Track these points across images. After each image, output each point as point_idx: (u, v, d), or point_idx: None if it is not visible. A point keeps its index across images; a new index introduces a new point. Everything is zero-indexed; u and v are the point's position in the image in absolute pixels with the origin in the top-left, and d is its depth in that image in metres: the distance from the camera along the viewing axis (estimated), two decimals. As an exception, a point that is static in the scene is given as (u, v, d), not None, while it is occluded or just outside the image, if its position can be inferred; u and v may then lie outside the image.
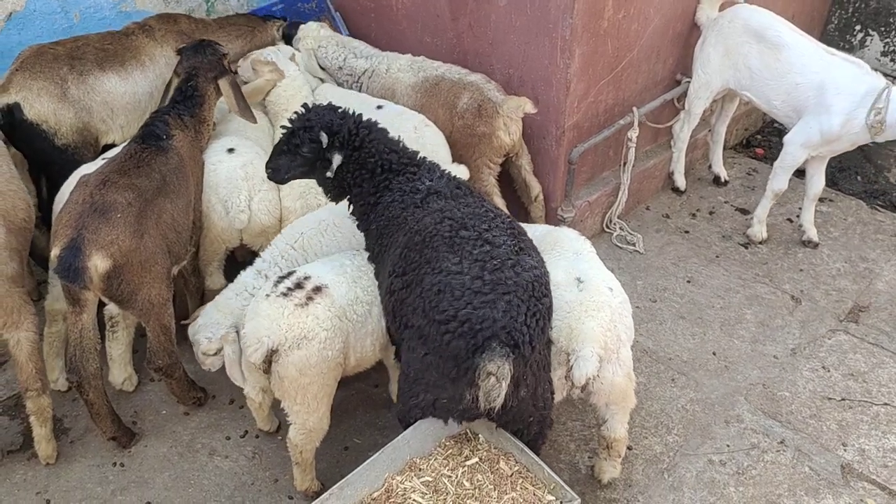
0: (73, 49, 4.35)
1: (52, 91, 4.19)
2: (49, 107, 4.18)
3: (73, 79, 4.28)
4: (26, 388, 3.56)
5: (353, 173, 3.51)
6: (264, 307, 3.25)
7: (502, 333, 2.84)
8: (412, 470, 3.06)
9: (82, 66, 4.32)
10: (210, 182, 4.08)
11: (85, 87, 4.32)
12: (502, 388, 2.86)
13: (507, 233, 3.18)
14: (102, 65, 4.40)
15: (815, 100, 4.76)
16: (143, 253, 3.45)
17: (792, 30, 4.94)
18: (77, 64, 4.31)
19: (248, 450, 3.93)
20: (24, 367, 3.52)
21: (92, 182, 3.49)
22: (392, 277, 3.24)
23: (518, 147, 4.61)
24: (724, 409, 4.15)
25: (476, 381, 2.88)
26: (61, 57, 4.28)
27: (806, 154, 4.93)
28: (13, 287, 3.44)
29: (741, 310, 4.78)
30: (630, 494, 3.73)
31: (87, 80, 4.33)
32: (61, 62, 4.26)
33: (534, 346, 2.96)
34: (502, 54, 4.78)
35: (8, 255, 3.43)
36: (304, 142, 3.48)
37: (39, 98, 4.16)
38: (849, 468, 3.85)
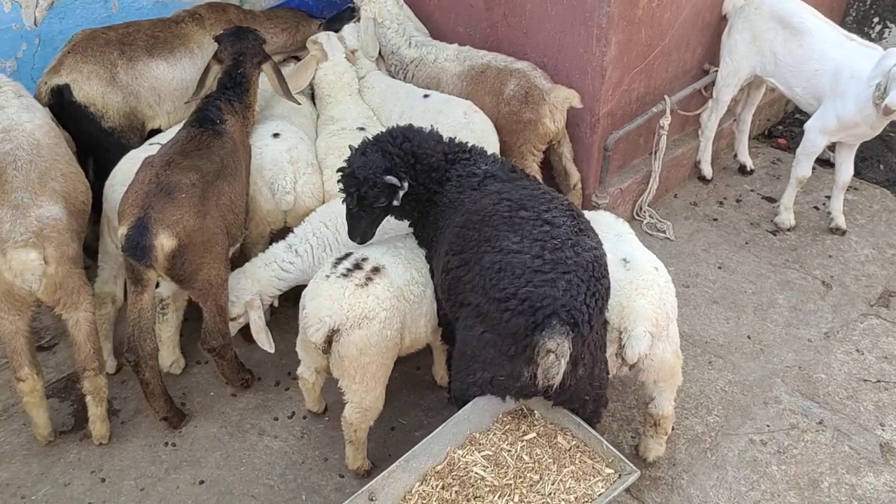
0: (124, 35, 4.43)
1: (101, 74, 4.26)
2: (98, 90, 4.26)
3: (122, 64, 4.36)
4: (84, 367, 3.61)
5: (424, 184, 3.52)
6: (325, 287, 3.31)
7: (562, 312, 2.90)
8: (472, 444, 3.11)
9: (132, 52, 4.39)
10: (256, 165, 4.15)
11: (134, 73, 4.40)
12: (561, 366, 2.92)
13: (566, 214, 3.23)
14: (151, 51, 4.48)
15: (831, 86, 4.83)
16: (205, 233, 3.51)
17: (816, 16, 5.01)
18: (127, 49, 4.38)
19: (296, 430, 3.99)
20: (82, 347, 3.57)
21: (157, 163, 3.56)
22: (449, 255, 3.29)
23: (561, 135, 4.68)
24: (762, 390, 4.22)
25: (535, 358, 2.94)
26: (112, 42, 4.35)
27: (825, 140, 5.00)
28: (74, 268, 3.49)
29: (773, 295, 4.85)
30: (675, 473, 3.79)
31: (136, 66, 4.41)
32: (112, 47, 4.34)
33: (592, 326, 3.02)
34: (537, 43, 4.84)
35: (70, 236, 3.48)
36: (378, 197, 3.47)
37: (89, 81, 4.24)
38: (888, 447, 3.91)
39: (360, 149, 3.54)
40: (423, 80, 4.99)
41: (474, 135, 4.32)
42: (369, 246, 3.64)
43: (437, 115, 4.44)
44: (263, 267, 3.95)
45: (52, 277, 3.40)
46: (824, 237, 5.30)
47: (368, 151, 3.50)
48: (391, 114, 4.70)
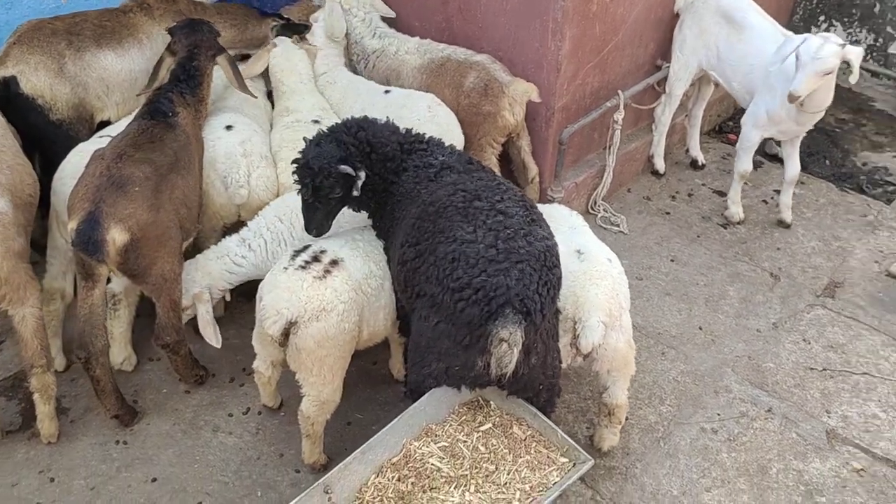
0: (71, 25, 4.33)
1: (49, 66, 4.16)
2: (45, 81, 4.16)
3: (70, 54, 4.26)
4: (31, 364, 3.53)
5: (380, 174, 3.52)
6: (283, 279, 3.29)
7: (515, 301, 2.92)
8: (428, 436, 3.12)
9: (80, 42, 4.30)
10: (209, 158, 4.10)
11: (82, 63, 4.30)
12: (514, 355, 2.94)
13: (519, 204, 3.26)
14: (100, 41, 4.39)
15: (762, 81, 4.93)
16: (158, 227, 3.46)
17: (759, 13, 5.09)
18: (75, 40, 4.28)
19: (251, 426, 3.95)
20: (29, 344, 3.49)
21: (108, 155, 3.49)
22: (405, 247, 3.29)
23: (520, 128, 4.72)
24: (713, 380, 4.30)
25: (488, 347, 2.96)
26: (59, 32, 4.25)
27: (758, 135, 5.11)
28: (20, 263, 3.42)
29: (724, 287, 4.95)
30: (629, 462, 3.85)
31: (84, 57, 4.31)
32: (59, 37, 4.24)
33: (545, 315, 3.05)
34: (492, 37, 4.86)
35: (16, 230, 3.41)
36: (333, 187, 3.44)
37: (36, 72, 4.14)
38: (833, 433, 4.02)
39: (315, 140, 3.52)
40: (384, 71, 4.99)
41: (439, 128, 4.32)
42: (327, 238, 3.63)
43: (399, 109, 4.43)
44: (215, 260, 3.91)
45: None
46: (773, 230, 5.42)
47: (323, 142, 3.48)
48: (352, 110, 4.64)
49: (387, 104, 4.52)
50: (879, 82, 7.14)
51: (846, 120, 6.68)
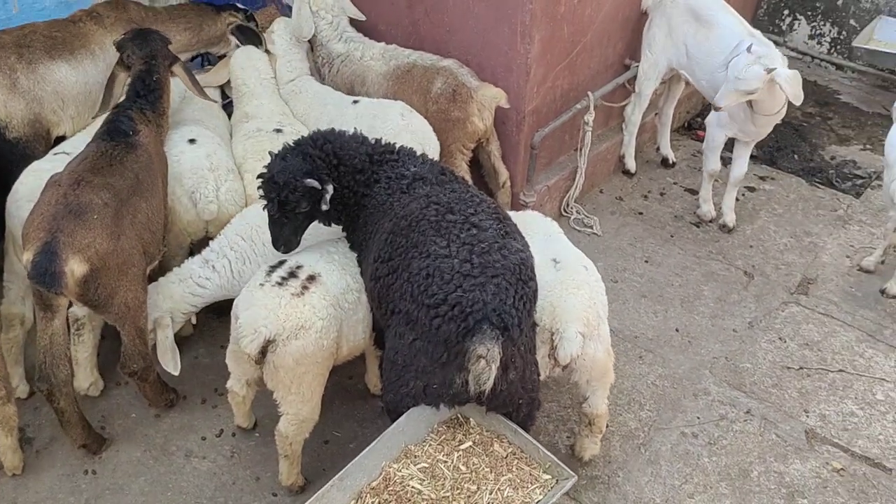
0: (19, 37, 4.16)
1: (1, 82, 3.98)
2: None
3: (22, 68, 4.09)
4: None
5: (350, 187, 3.44)
6: (260, 296, 3.20)
7: (493, 316, 2.86)
8: (408, 457, 3.05)
9: (31, 55, 4.13)
10: (174, 173, 3.97)
11: (35, 77, 4.13)
12: (492, 371, 2.89)
13: (492, 217, 3.20)
14: (51, 53, 4.21)
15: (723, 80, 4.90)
16: (119, 255, 3.32)
17: (727, 10, 5.06)
18: (25, 52, 4.11)
19: (225, 449, 3.84)
20: None
21: (65, 182, 3.33)
22: (377, 263, 3.22)
23: (489, 133, 4.65)
24: (692, 382, 4.28)
25: (466, 364, 2.90)
26: (8, 45, 4.08)
27: (723, 133, 5.12)
28: None
29: (699, 287, 4.93)
30: (610, 470, 3.81)
31: (36, 70, 4.14)
32: (9, 51, 4.07)
33: (522, 329, 3.00)
34: (460, 41, 4.78)
35: None
36: (300, 202, 3.35)
37: None
38: (812, 433, 4.02)
39: (281, 153, 3.43)
40: (348, 76, 4.89)
41: (415, 136, 4.24)
42: (302, 253, 3.53)
43: (371, 120, 4.33)
44: (178, 283, 3.77)
45: None
46: (745, 227, 5.42)
47: (289, 156, 3.39)
48: (319, 122, 4.54)
49: (356, 115, 4.42)
50: (844, 75, 7.19)
51: (812, 114, 6.71)
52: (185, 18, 4.89)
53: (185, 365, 4.20)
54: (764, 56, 4.40)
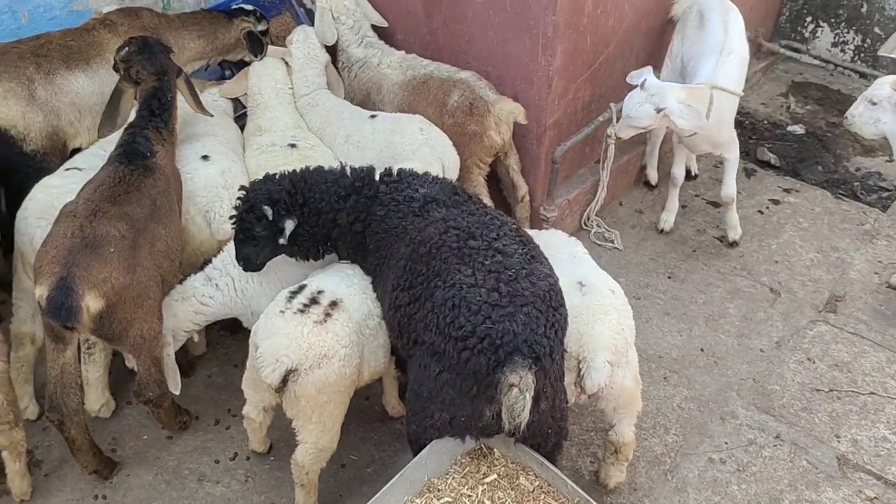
0: (36, 47, 4.06)
1: (19, 93, 3.89)
2: (17, 110, 3.89)
3: (39, 79, 3.99)
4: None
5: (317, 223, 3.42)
6: (281, 325, 3.08)
7: (524, 347, 2.76)
8: (431, 491, 2.93)
9: (49, 65, 4.03)
10: (187, 191, 3.85)
11: (53, 88, 4.04)
12: (527, 401, 2.77)
13: (516, 241, 3.09)
14: (68, 63, 4.12)
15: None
16: (136, 288, 3.21)
17: (721, 17, 4.81)
18: (43, 63, 4.01)
19: (239, 473, 3.74)
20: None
21: (81, 213, 3.20)
22: (397, 291, 3.10)
23: (507, 147, 4.52)
24: (719, 405, 4.15)
25: (498, 396, 2.79)
26: (26, 56, 3.98)
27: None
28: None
29: (723, 304, 4.80)
30: (636, 498, 3.70)
31: (54, 80, 4.05)
32: (27, 61, 3.97)
33: (554, 359, 2.88)
34: (479, 52, 4.67)
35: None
36: (254, 224, 3.36)
37: (6, 101, 3.86)
38: (844, 460, 3.89)
39: (266, 176, 3.48)
40: (365, 83, 4.81)
41: (434, 151, 4.14)
42: (320, 276, 3.42)
43: (389, 135, 4.23)
44: (180, 301, 3.66)
45: None
46: (770, 242, 5.29)
47: (267, 181, 3.45)
48: (335, 137, 4.44)
49: (374, 129, 4.31)
50: (868, 83, 7.00)
51: (836, 123, 6.55)
52: (198, 26, 4.78)
53: (198, 384, 4.15)
54: (656, 94, 4.23)
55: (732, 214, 5.15)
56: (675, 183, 5.18)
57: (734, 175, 5.00)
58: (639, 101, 4.27)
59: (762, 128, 6.44)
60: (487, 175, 4.61)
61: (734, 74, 4.65)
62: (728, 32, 4.70)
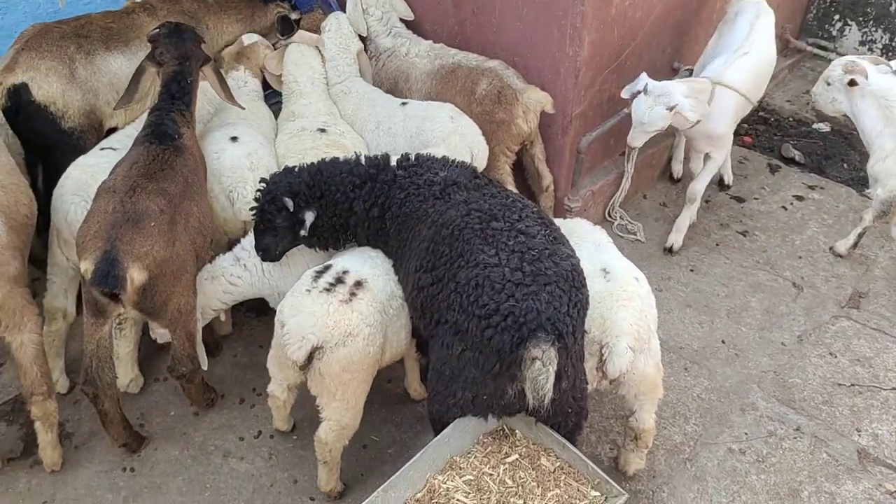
0: (78, 27, 4.17)
1: (60, 71, 3.99)
2: (58, 88, 3.98)
3: (80, 58, 4.09)
4: (31, 392, 3.37)
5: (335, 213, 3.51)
6: (308, 303, 3.14)
7: (547, 325, 2.79)
8: (453, 469, 2.98)
9: (89, 46, 4.14)
10: (213, 170, 3.92)
11: (92, 68, 4.14)
12: (550, 374, 2.80)
13: (538, 223, 3.13)
14: (108, 44, 4.23)
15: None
16: (175, 262, 3.30)
17: (750, 20, 4.82)
18: (84, 43, 4.12)
19: (263, 451, 3.81)
20: (28, 371, 3.33)
21: (120, 188, 3.28)
22: (420, 273, 3.15)
23: (534, 136, 4.56)
24: (739, 397, 4.16)
25: (521, 371, 2.82)
26: (68, 35, 4.09)
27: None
28: (16, 287, 3.24)
29: (745, 297, 4.81)
30: (655, 485, 3.72)
31: (94, 61, 4.15)
32: (69, 41, 4.07)
33: (576, 337, 2.92)
34: (507, 42, 4.70)
35: (10, 254, 3.23)
36: (275, 214, 3.45)
37: (48, 78, 3.96)
38: (864, 453, 3.89)
39: (288, 168, 3.59)
40: (393, 72, 4.86)
41: (464, 139, 4.19)
42: (345, 256, 3.48)
43: (420, 122, 4.28)
44: (210, 280, 3.74)
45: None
46: (794, 238, 5.28)
47: (286, 173, 3.55)
48: (367, 122, 4.51)
49: (405, 116, 4.36)
50: (895, 82, 6.97)
51: (863, 121, 6.52)
52: (236, 10, 4.87)
53: (223, 364, 4.22)
54: (662, 94, 4.26)
55: (688, 214, 5.10)
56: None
57: (711, 175, 5.03)
58: (648, 106, 4.30)
59: (787, 125, 6.42)
60: (513, 164, 4.65)
61: (743, 74, 4.64)
62: (751, 34, 4.72)
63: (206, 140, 4.10)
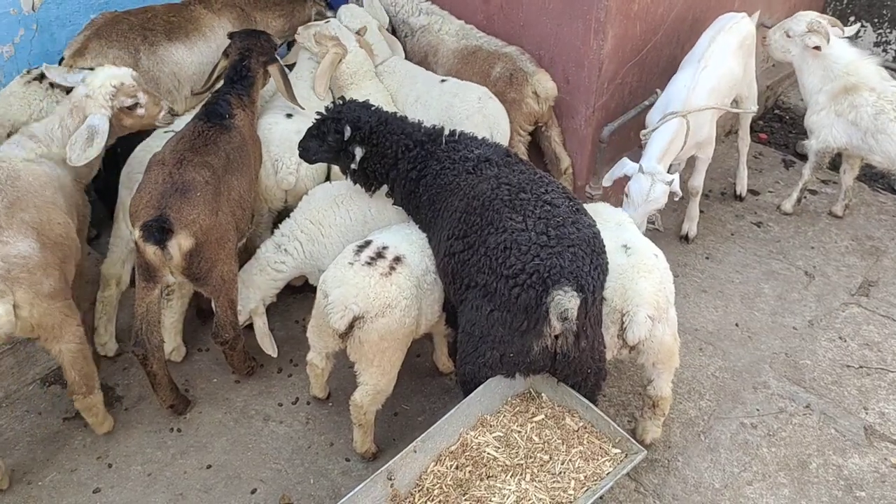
0: (144, 20, 4.48)
1: (126, 60, 4.28)
2: None
3: (144, 49, 4.40)
4: (72, 391, 3.58)
5: (379, 162, 3.76)
6: (350, 276, 3.38)
7: (570, 278, 3.03)
8: (484, 426, 3.20)
9: (153, 37, 4.45)
10: (264, 140, 4.24)
11: (155, 58, 4.45)
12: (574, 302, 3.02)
13: (563, 196, 3.37)
14: (170, 36, 4.53)
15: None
16: (219, 230, 3.55)
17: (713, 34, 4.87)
18: (149, 35, 4.43)
19: (301, 415, 4.04)
20: (67, 374, 3.53)
21: (169, 161, 3.56)
22: (452, 240, 3.39)
23: (548, 117, 4.82)
24: (752, 376, 4.36)
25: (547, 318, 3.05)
26: (135, 27, 4.40)
27: None
28: (53, 304, 3.32)
29: (759, 284, 5.00)
30: (670, 455, 3.92)
31: (157, 51, 4.46)
32: (135, 32, 4.38)
33: (595, 297, 3.15)
34: (533, 36, 4.92)
35: (44, 272, 3.28)
36: (331, 131, 3.75)
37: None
38: (871, 430, 4.08)
39: (362, 103, 3.88)
40: (424, 46, 5.16)
41: (486, 120, 4.44)
42: (384, 233, 3.72)
43: (452, 98, 4.55)
44: (259, 273, 4.04)
45: (27, 320, 3.25)
46: (806, 229, 5.47)
47: (363, 107, 3.84)
48: (407, 97, 4.80)
49: (441, 92, 4.64)
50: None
51: (876, 120, 6.69)
52: (279, 6, 5.18)
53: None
54: (657, 172, 4.33)
55: (695, 204, 5.30)
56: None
57: (705, 168, 5.18)
58: (650, 184, 4.32)
59: (801, 122, 6.56)
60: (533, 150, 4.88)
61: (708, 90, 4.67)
62: (710, 47, 4.78)
63: (265, 113, 4.41)
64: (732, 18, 4.96)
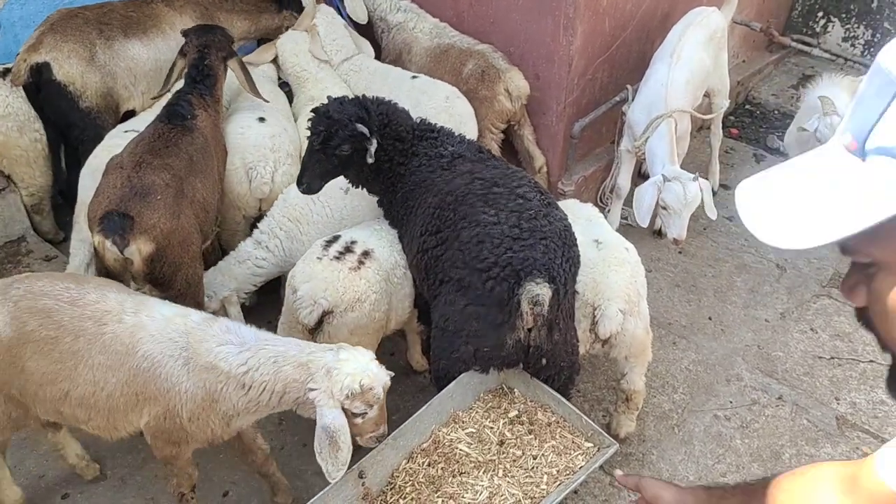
0: (100, 14, 4.46)
1: (81, 54, 4.28)
2: (77, 69, 4.28)
3: (100, 43, 4.38)
4: None
5: (389, 150, 3.57)
6: (319, 270, 3.35)
7: (542, 269, 3.02)
8: (456, 422, 3.17)
9: (109, 32, 4.43)
10: (237, 146, 4.16)
11: (111, 53, 4.42)
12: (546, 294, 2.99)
13: (535, 189, 3.36)
14: (127, 31, 4.51)
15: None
16: (181, 233, 3.49)
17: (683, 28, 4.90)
18: (105, 29, 4.41)
19: (273, 417, 3.94)
20: None
21: (127, 164, 3.49)
22: (425, 236, 3.36)
23: (520, 115, 4.82)
24: (725, 368, 4.38)
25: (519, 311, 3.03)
26: (91, 21, 4.39)
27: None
28: None
29: (731, 278, 5.03)
30: (645, 448, 3.93)
31: (113, 46, 4.44)
32: (91, 26, 4.37)
33: (567, 290, 3.14)
34: (503, 32, 4.92)
35: None
36: (345, 140, 3.44)
37: (69, 59, 4.25)
38: (843, 420, 4.11)
39: (340, 98, 3.60)
40: (399, 43, 5.15)
41: (453, 119, 4.41)
42: (353, 229, 3.68)
43: (420, 95, 4.53)
44: (237, 265, 3.99)
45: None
46: (777, 222, 5.50)
47: (346, 102, 3.55)
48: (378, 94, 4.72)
49: (412, 88, 4.63)
50: (877, 77, 7.22)
51: (845, 114, 6.77)
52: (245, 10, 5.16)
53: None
54: (680, 174, 4.41)
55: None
56: (619, 194, 5.19)
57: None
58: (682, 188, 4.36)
59: (772, 117, 6.67)
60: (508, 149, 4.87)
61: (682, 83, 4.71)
62: (680, 40, 4.81)
63: (234, 116, 4.35)
64: (702, 13, 4.98)
